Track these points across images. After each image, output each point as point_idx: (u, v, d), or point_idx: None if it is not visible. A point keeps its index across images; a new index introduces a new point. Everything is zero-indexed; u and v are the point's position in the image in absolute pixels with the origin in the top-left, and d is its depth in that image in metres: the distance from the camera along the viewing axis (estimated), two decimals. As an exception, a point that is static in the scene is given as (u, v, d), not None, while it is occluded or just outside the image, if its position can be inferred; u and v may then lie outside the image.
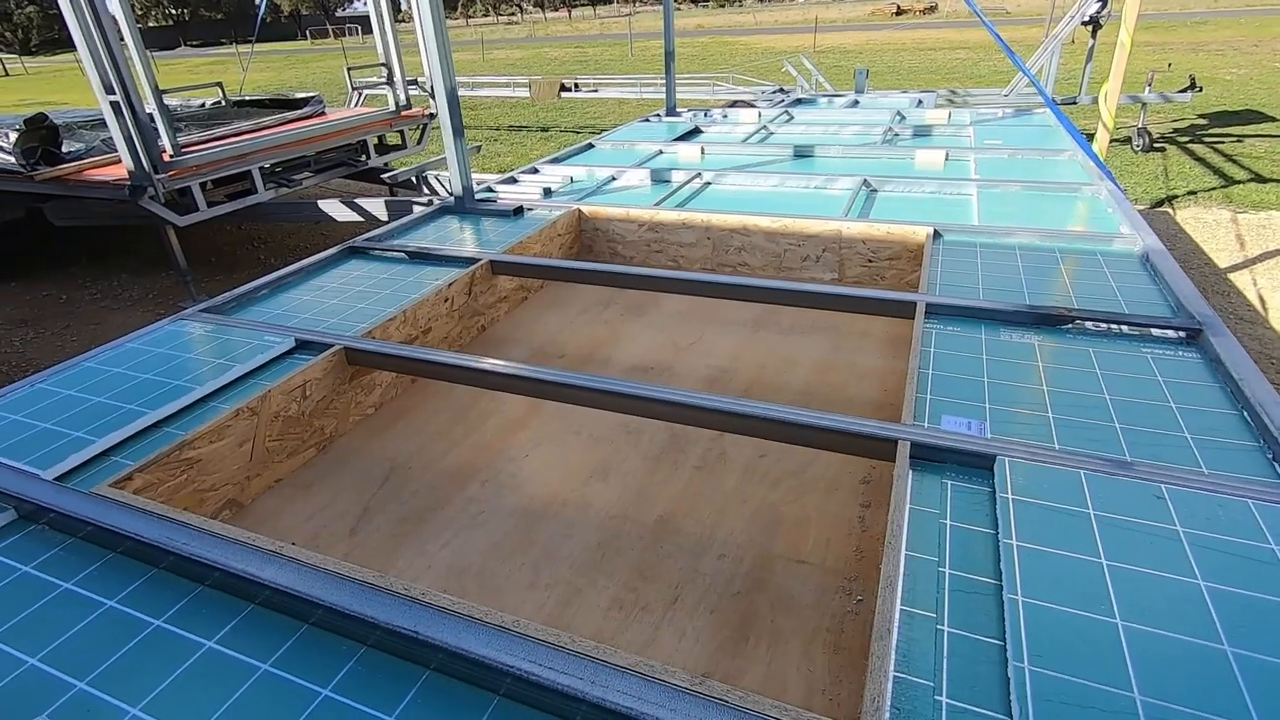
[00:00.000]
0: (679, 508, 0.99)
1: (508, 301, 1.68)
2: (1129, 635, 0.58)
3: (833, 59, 13.55)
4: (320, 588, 0.67)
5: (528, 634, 0.61)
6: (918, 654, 0.59)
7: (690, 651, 0.77)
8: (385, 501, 1.05)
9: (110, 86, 2.70)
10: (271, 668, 0.63)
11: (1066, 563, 0.66)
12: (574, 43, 22.43)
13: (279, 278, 1.52)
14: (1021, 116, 3.12)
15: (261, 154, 3.63)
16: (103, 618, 0.70)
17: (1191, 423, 0.87)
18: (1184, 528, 0.69)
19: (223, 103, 4.70)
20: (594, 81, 8.28)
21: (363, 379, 1.24)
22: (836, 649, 0.75)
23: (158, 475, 0.92)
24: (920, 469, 0.82)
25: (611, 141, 2.89)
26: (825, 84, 6.50)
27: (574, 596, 0.86)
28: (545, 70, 13.65)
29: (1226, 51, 11.43)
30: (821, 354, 1.40)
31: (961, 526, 0.72)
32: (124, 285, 4.21)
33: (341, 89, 4.91)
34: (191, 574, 0.74)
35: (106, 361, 1.18)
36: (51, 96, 14.55)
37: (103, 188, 3.22)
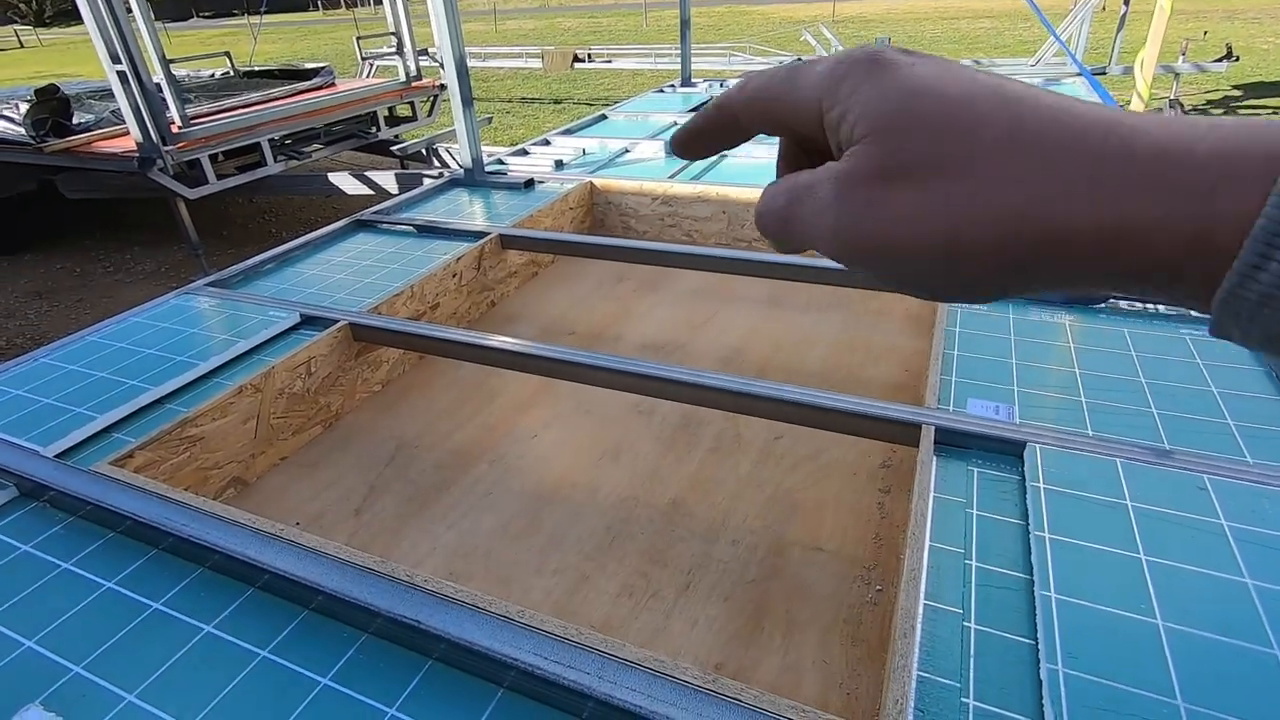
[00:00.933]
0: (692, 491, 0.97)
1: (518, 276, 1.65)
2: (1170, 637, 0.54)
3: (853, 29, 13.24)
4: (321, 573, 0.65)
5: (533, 625, 0.58)
6: (942, 652, 0.56)
7: (702, 641, 0.75)
8: (391, 481, 1.03)
9: (117, 56, 2.67)
10: (270, 654, 0.61)
11: (1102, 557, 0.62)
12: (588, 12, 22.06)
13: (285, 251, 1.49)
14: (1050, 86, 3.01)
15: (271, 125, 3.60)
16: (101, 599, 0.68)
17: (1234, 409, 0.82)
18: (1229, 521, 0.65)
19: (231, 73, 4.65)
20: (608, 52, 8.13)
21: (369, 355, 1.21)
22: (854, 641, 0.73)
23: (160, 453, 0.90)
24: (945, 455, 0.78)
25: (625, 113, 2.82)
26: (845, 54, 6.33)
27: (582, 582, 0.83)
28: (558, 40, 13.44)
29: (1264, 19, 11.03)
30: (839, 332, 1.36)
31: (989, 517, 0.69)
32: (136, 258, 4.22)
33: (353, 60, 4.84)
34: (191, 556, 0.72)
35: (110, 336, 1.17)
36: (66, 68, 14.54)
37: (112, 159, 3.20)
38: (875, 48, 0.23)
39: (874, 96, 0.21)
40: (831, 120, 0.23)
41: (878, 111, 0.21)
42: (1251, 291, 0.16)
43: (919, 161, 0.20)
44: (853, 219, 0.22)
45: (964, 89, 0.21)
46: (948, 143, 0.20)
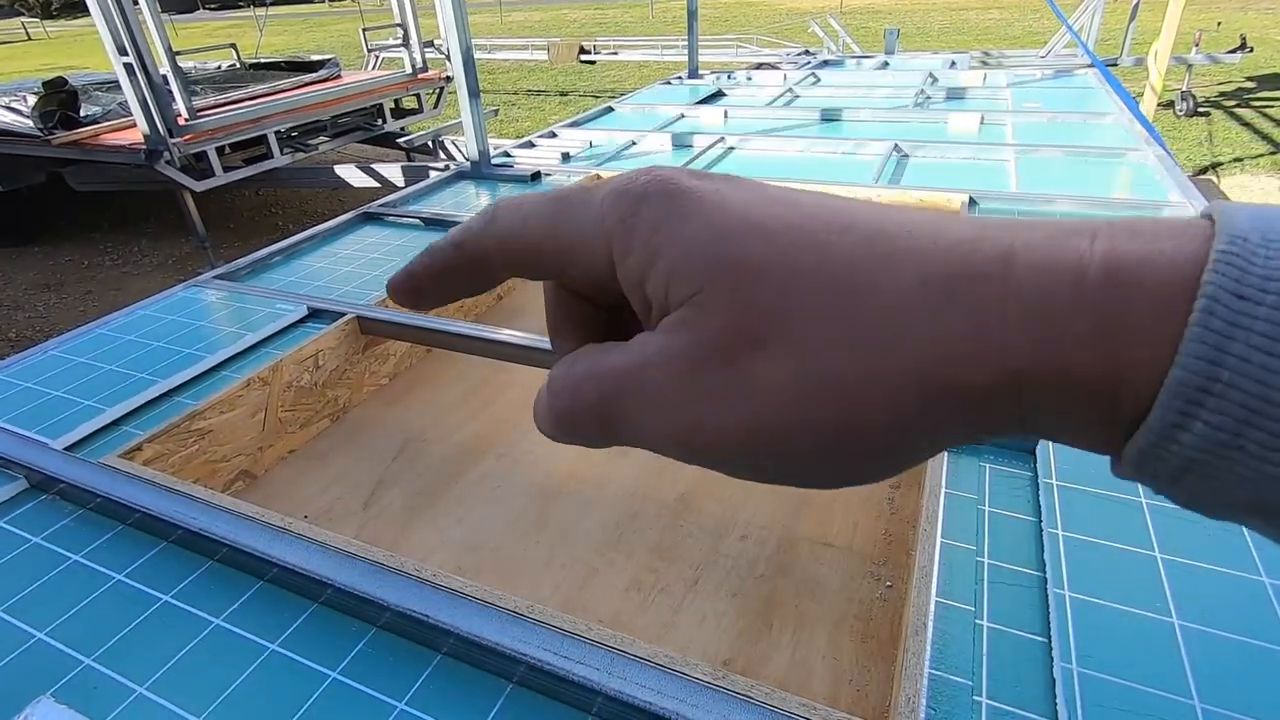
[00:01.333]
0: (700, 486, 0.96)
1: (524, 270, 1.64)
2: (1187, 636, 0.54)
3: (861, 20, 13.14)
4: (330, 567, 0.65)
5: (543, 620, 0.58)
6: (954, 650, 0.55)
7: (711, 636, 0.74)
8: (399, 474, 1.03)
9: (123, 48, 2.66)
10: (279, 648, 0.61)
11: (1117, 555, 0.62)
12: (594, 4, 21.96)
13: (292, 244, 1.49)
14: (1061, 78, 2.98)
15: (277, 117, 3.60)
16: (111, 591, 0.69)
17: (1250, 405, 0.81)
18: (1246, 520, 0.64)
19: (238, 65, 4.65)
20: (614, 44, 8.10)
21: (376, 349, 1.21)
22: (864, 637, 0.72)
23: (168, 445, 0.90)
24: (956, 450, 0.77)
25: (632, 105, 2.81)
26: (853, 45, 6.29)
27: (591, 576, 0.83)
28: (564, 32, 13.39)
29: (1278, 9, 10.89)
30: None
31: (1001, 513, 0.68)
32: (144, 251, 4.24)
33: (359, 52, 4.84)
34: (200, 548, 0.72)
35: (119, 329, 1.17)
36: (73, 60, 14.58)
37: (119, 152, 3.21)
38: (661, 173, 0.19)
39: (688, 241, 0.17)
40: (630, 271, 0.18)
41: (701, 263, 0.17)
42: (1171, 455, 0.14)
43: (773, 325, 0.16)
44: (709, 413, 0.17)
45: (791, 220, 0.17)
46: (802, 295, 0.16)
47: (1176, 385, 0.14)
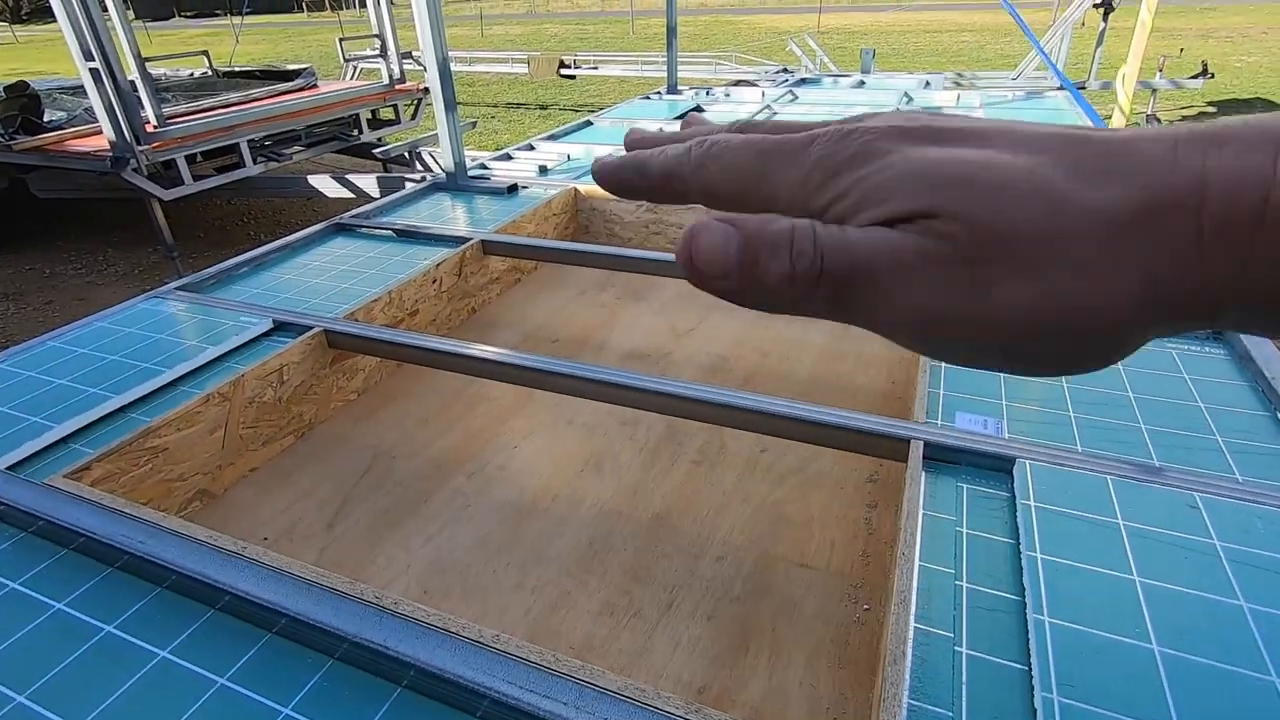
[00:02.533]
0: (676, 505, 0.94)
1: (500, 283, 1.62)
2: (1167, 663, 0.53)
3: (838, 39, 13.38)
4: (285, 595, 0.61)
5: (508, 651, 0.55)
6: (934, 679, 0.54)
7: (685, 662, 0.72)
8: (367, 493, 1.00)
9: (89, 53, 2.60)
10: (229, 682, 0.58)
11: (1095, 578, 0.61)
12: (575, 19, 22.10)
13: (260, 255, 1.45)
14: (1032, 99, 3.05)
15: (250, 126, 3.54)
16: (49, 622, 0.64)
17: (1222, 424, 0.82)
18: (1222, 542, 0.64)
19: (209, 73, 4.58)
20: (594, 59, 8.13)
21: (344, 363, 1.18)
22: (841, 663, 0.71)
23: (119, 465, 0.86)
24: (934, 471, 0.76)
25: (611, 119, 2.81)
26: (830, 65, 6.39)
27: (563, 599, 0.81)
28: (545, 47, 13.44)
29: (1236, 38, 11.30)
30: (826, 341, 1.34)
31: (979, 535, 0.67)
32: (110, 260, 4.13)
33: (336, 63, 4.79)
34: (148, 575, 0.68)
35: (72, 341, 1.12)
36: (42, 65, 14.29)
37: (83, 159, 3.13)
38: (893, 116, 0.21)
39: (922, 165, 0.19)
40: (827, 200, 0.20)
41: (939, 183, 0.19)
42: None
43: (1004, 243, 0.18)
44: (950, 309, 0.19)
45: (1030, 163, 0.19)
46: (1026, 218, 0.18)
47: None
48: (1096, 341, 0.19)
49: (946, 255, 0.19)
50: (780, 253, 0.19)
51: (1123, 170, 0.18)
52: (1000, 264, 0.18)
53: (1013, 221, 0.18)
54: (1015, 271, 0.18)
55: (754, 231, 0.20)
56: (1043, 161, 0.19)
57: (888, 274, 0.19)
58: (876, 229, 0.19)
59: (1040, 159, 0.19)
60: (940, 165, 0.19)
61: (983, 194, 0.18)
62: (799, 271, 0.19)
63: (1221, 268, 0.17)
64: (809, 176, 0.21)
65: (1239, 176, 0.16)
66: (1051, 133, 0.20)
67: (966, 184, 0.19)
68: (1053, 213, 0.18)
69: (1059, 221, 0.18)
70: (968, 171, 0.19)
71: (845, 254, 0.19)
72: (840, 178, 0.20)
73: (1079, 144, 0.19)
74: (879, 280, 0.19)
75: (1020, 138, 0.20)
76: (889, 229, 0.19)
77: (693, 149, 0.23)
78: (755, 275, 0.20)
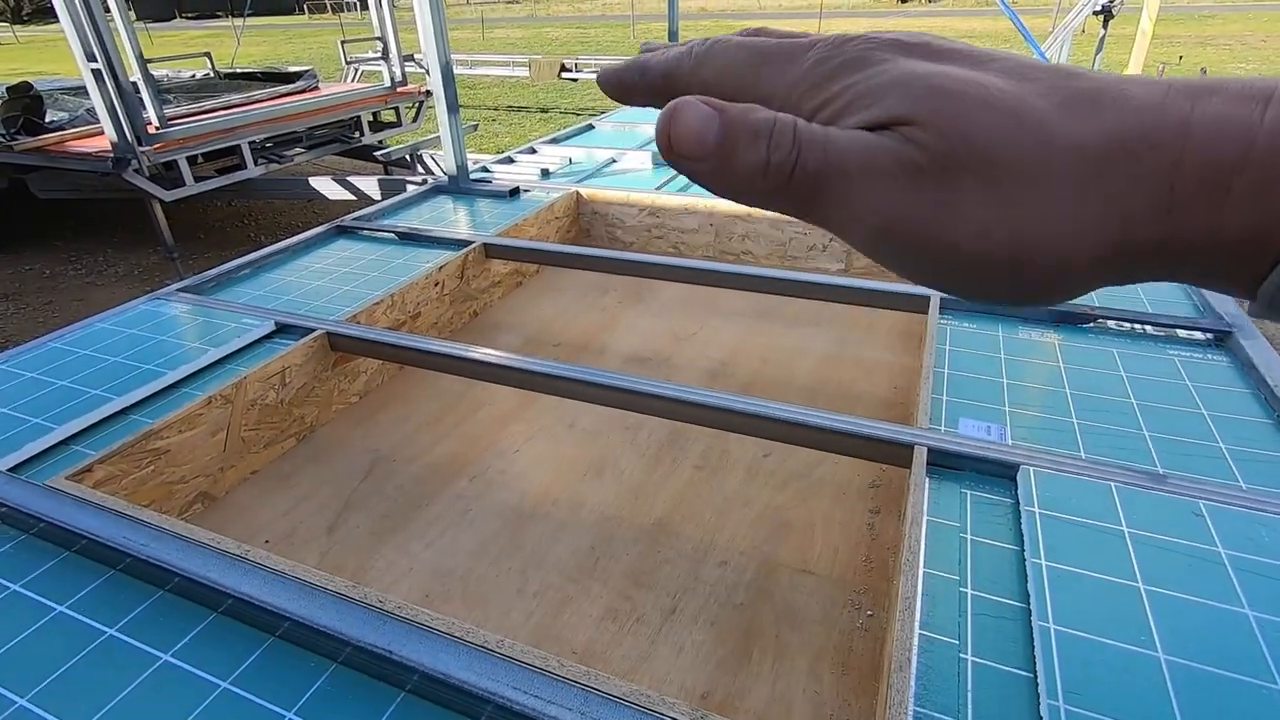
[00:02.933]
0: (678, 510, 0.94)
1: (501, 286, 1.62)
2: (1173, 671, 0.53)
3: (837, 45, 13.38)
4: (287, 598, 0.61)
5: (511, 656, 0.55)
6: (939, 686, 0.54)
7: (689, 668, 0.72)
8: (367, 496, 0.99)
9: (92, 54, 2.60)
10: (231, 685, 0.58)
11: (1100, 586, 0.61)
12: (576, 23, 22.15)
13: (262, 257, 1.45)
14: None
15: (251, 128, 3.54)
16: (51, 625, 0.64)
17: (1225, 432, 0.82)
18: (1226, 549, 0.63)
19: (211, 74, 4.59)
20: (595, 62, 8.14)
21: (346, 366, 1.18)
22: (845, 669, 0.70)
23: (121, 466, 0.86)
24: (937, 477, 0.76)
25: (613, 122, 2.81)
26: (830, 69, 6.40)
27: (565, 604, 0.81)
28: (546, 50, 13.46)
29: (1235, 46, 11.34)
30: (828, 347, 1.34)
31: (984, 542, 0.67)
32: (110, 260, 4.13)
33: (338, 65, 4.80)
34: (150, 578, 0.68)
35: (74, 342, 1.12)
36: (43, 66, 14.29)
37: (85, 159, 3.13)
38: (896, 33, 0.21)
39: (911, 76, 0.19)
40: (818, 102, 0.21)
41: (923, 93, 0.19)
42: None
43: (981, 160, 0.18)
44: (916, 218, 0.19)
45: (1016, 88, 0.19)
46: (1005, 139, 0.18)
47: None
48: (1052, 273, 0.19)
49: (919, 163, 0.19)
50: (759, 141, 0.20)
51: (1108, 107, 0.18)
52: (970, 180, 0.18)
53: (989, 140, 0.18)
54: (983, 190, 0.18)
55: (735, 117, 0.20)
56: (1031, 89, 0.19)
57: (859, 173, 0.19)
58: (859, 132, 0.20)
59: (1029, 86, 0.19)
60: (928, 77, 0.19)
61: (964, 108, 0.19)
62: (773, 163, 0.20)
63: (1195, 212, 0.17)
64: (803, 78, 0.21)
65: (1224, 123, 0.17)
66: (1046, 66, 0.20)
67: (949, 97, 0.19)
68: (1030, 137, 0.18)
69: (1035, 147, 0.18)
70: (953, 86, 0.19)
71: (820, 149, 0.19)
72: (833, 81, 0.20)
73: (1070, 77, 0.19)
74: (850, 179, 0.19)
75: (1014, 66, 0.20)
76: (872, 133, 0.19)
77: (694, 48, 0.23)
78: (731, 162, 0.20)
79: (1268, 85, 0.17)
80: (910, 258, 0.20)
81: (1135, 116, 0.18)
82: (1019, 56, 0.20)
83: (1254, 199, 0.16)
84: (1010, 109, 0.18)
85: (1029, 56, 0.20)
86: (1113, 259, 0.18)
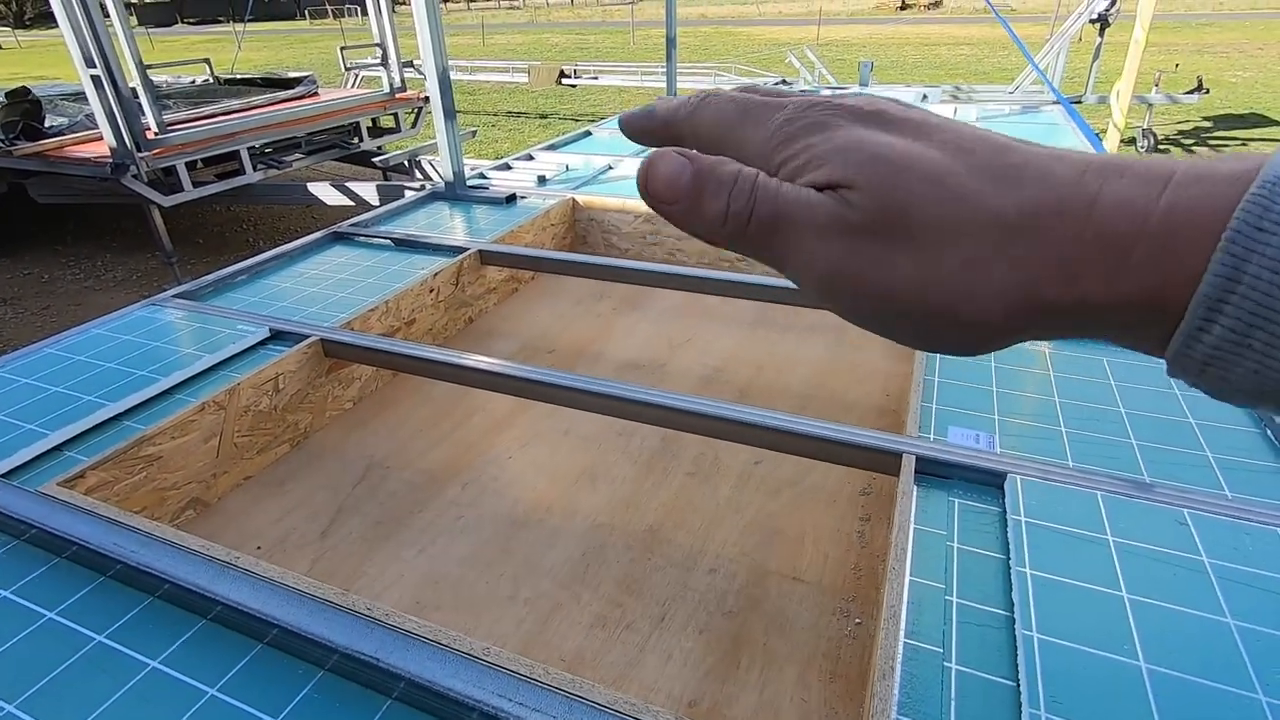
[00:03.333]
0: (669, 517, 0.94)
1: (497, 293, 1.62)
2: (1154, 680, 0.53)
3: (837, 52, 13.45)
4: (276, 605, 0.61)
5: (498, 663, 0.56)
6: (922, 695, 0.54)
7: (677, 676, 0.72)
8: (360, 502, 1.00)
9: (91, 60, 2.61)
10: (218, 692, 0.58)
11: (1085, 595, 0.61)
12: (575, 29, 22.23)
13: (258, 263, 1.46)
14: (1028, 113, 3.07)
15: (251, 133, 3.55)
16: (40, 631, 0.64)
17: (1212, 441, 0.82)
18: (1210, 558, 0.64)
19: (211, 80, 4.60)
20: (594, 69, 8.17)
21: (340, 372, 1.18)
22: (833, 676, 0.71)
23: (113, 473, 0.86)
24: (926, 485, 0.77)
25: (610, 129, 2.82)
26: (829, 76, 6.43)
27: (555, 611, 0.81)
28: (546, 56, 13.50)
29: (1231, 54, 11.39)
30: (821, 354, 1.35)
31: (970, 550, 0.68)
32: (108, 265, 4.13)
33: (339, 71, 4.82)
34: (140, 584, 0.68)
35: (69, 348, 1.12)
36: (44, 71, 14.33)
37: (84, 165, 3.14)
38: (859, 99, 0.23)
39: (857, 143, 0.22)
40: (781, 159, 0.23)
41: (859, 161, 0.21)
42: (1196, 352, 0.18)
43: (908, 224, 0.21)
44: (852, 268, 0.21)
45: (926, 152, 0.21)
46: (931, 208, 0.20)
47: (1201, 297, 0.17)
48: (976, 325, 0.21)
49: (854, 222, 0.21)
50: (722, 191, 0.22)
51: (1029, 182, 0.20)
52: (899, 240, 0.21)
53: (915, 204, 0.21)
54: (910, 249, 0.21)
55: (705, 168, 0.23)
56: (963, 162, 0.21)
57: (803, 228, 0.22)
58: (807, 190, 0.22)
59: (962, 159, 0.21)
60: (870, 146, 0.21)
61: (896, 175, 0.21)
62: (733, 210, 0.22)
63: (1095, 278, 0.19)
64: (772, 135, 0.23)
65: (1124, 202, 0.19)
66: (981, 138, 0.22)
67: (885, 164, 0.21)
68: (952, 203, 0.20)
69: (956, 212, 0.20)
70: (890, 155, 0.21)
71: (773, 204, 0.22)
72: (795, 141, 0.23)
73: (1003, 152, 0.21)
74: (797, 232, 0.22)
75: (952, 137, 0.22)
76: (817, 192, 0.22)
77: (692, 100, 0.26)
78: (698, 206, 0.23)
79: (1168, 169, 0.19)
80: (854, 305, 0.22)
81: (1051, 192, 0.20)
82: (964, 128, 0.22)
83: (1148, 269, 0.18)
84: (938, 177, 0.21)
85: (975, 128, 0.22)
86: (1028, 316, 0.20)
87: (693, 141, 0.26)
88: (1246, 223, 0.17)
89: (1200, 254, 0.17)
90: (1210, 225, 0.17)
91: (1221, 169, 0.18)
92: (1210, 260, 0.17)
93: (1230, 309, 0.17)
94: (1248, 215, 0.17)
